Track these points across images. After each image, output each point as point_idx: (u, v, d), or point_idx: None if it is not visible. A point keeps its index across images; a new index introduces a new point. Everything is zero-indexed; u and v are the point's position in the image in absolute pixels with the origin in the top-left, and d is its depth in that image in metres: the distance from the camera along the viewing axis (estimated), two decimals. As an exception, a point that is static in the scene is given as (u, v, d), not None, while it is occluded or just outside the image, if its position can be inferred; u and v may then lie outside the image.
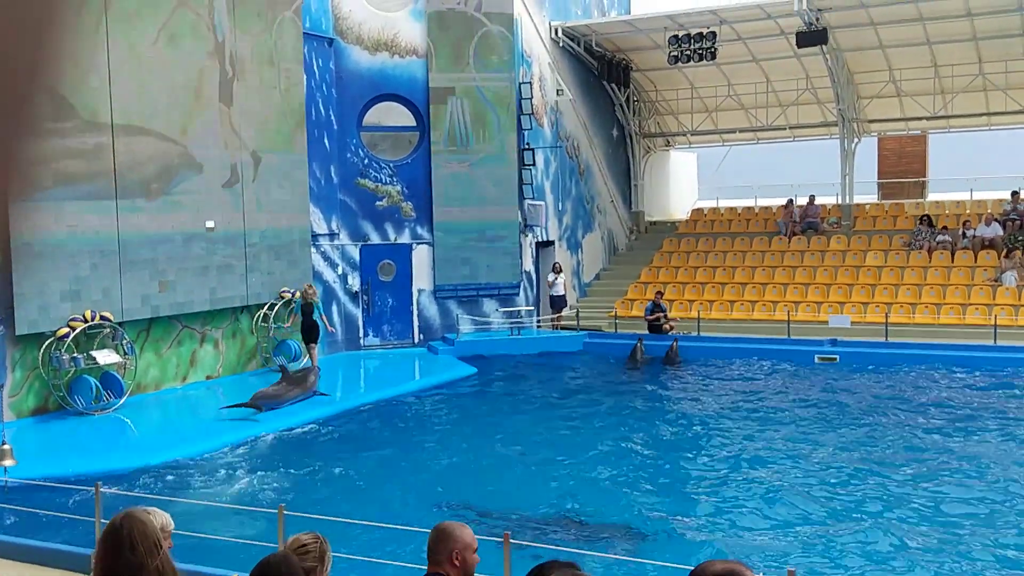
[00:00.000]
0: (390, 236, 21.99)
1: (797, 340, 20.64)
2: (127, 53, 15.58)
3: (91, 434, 13.95)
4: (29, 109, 1.64)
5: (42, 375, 14.69)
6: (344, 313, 21.48)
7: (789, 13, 22.92)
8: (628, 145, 29.05)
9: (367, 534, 8.49)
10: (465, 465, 12.76)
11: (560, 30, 25.24)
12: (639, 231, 29.10)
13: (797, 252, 24.95)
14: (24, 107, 1.65)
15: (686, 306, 23.44)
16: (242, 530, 8.82)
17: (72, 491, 9.71)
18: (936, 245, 23.31)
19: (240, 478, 11.90)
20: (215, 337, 17.94)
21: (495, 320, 22.56)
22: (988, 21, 23.03)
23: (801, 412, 15.41)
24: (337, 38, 21.18)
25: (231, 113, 17.69)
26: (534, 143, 23.53)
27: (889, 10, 22.98)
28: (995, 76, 24.67)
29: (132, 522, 3.23)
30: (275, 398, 15.35)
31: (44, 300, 14.43)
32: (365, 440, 14.09)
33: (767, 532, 9.78)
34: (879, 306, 21.79)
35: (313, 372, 16.79)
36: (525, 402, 16.94)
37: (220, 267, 17.53)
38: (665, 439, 13.97)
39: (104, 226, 15.29)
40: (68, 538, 8.55)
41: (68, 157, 14.57)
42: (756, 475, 11.76)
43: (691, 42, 23.90)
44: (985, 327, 19.92)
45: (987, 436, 13.67)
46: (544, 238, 24.57)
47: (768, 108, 27.65)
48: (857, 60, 25.33)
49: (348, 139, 21.44)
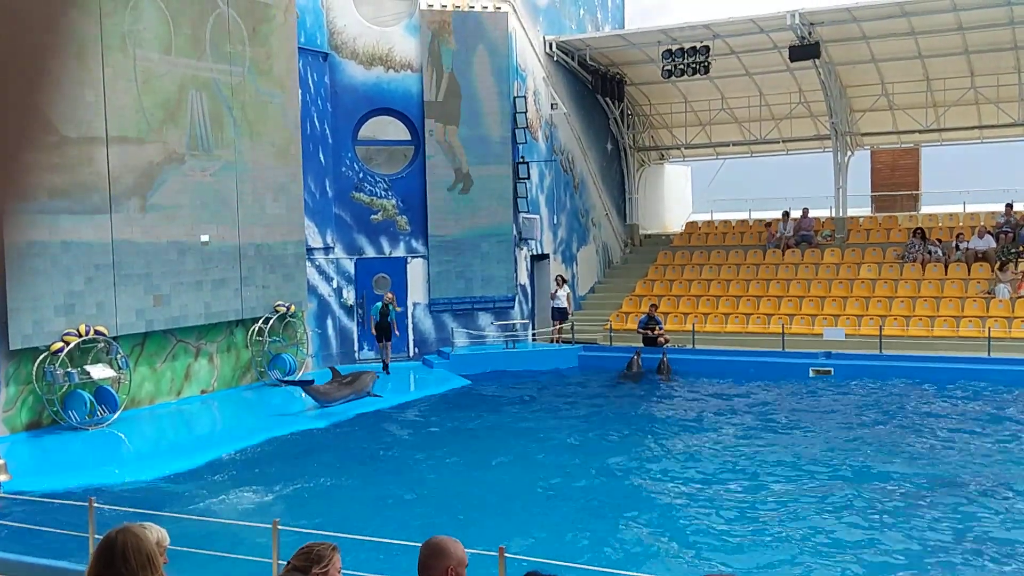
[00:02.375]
0: (385, 250, 22.02)
1: (791, 353, 20.67)
2: (122, 67, 15.61)
3: (85, 449, 13.91)
4: (23, 123, 1.66)
5: (36, 390, 14.65)
6: (339, 327, 21.48)
7: (782, 27, 23.06)
8: (622, 158, 29.14)
9: (359, 548, 8.47)
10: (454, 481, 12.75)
11: (554, 44, 25.34)
12: (634, 244, 29.17)
13: (791, 265, 25.01)
14: (18, 121, 1.67)
15: (681, 319, 23.47)
16: (237, 545, 8.79)
17: (66, 506, 9.67)
18: (929, 258, 23.39)
19: (235, 492, 11.86)
20: (210, 351, 17.92)
21: (490, 333, 22.58)
22: (979, 35, 23.18)
23: (794, 424, 15.42)
24: (332, 52, 21.25)
25: (226, 127, 17.71)
26: (529, 157, 23.59)
27: (881, 24, 23.13)
28: (987, 89, 24.81)
29: (127, 536, 3.24)
30: (325, 395, 16.43)
31: (38, 314, 14.41)
32: (357, 452, 14.05)
33: (754, 545, 9.77)
34: (873, 319, 21.84)
35: (369, 374, 17.65)
36: (513, 413, 16.93)
37: (215, 281, 17.53)
38: (652, 452, 13.99)
39: (98, 240, 15.29)
40: (62, 554, 8.51)
41: (62, 171, 14.57)
42: (748, 489, 11.76)
43: (684, 56, 24.02)
44: (979, 339, 19.98)
45: (981, 448, 13.68)
46: (539, 251, 24.61)
47: (761, 121, 27.77)
48: (850, 74, 25.46)
49: (343, 153, 21.49)
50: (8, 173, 1.68)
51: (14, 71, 1.65)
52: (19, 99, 1.67)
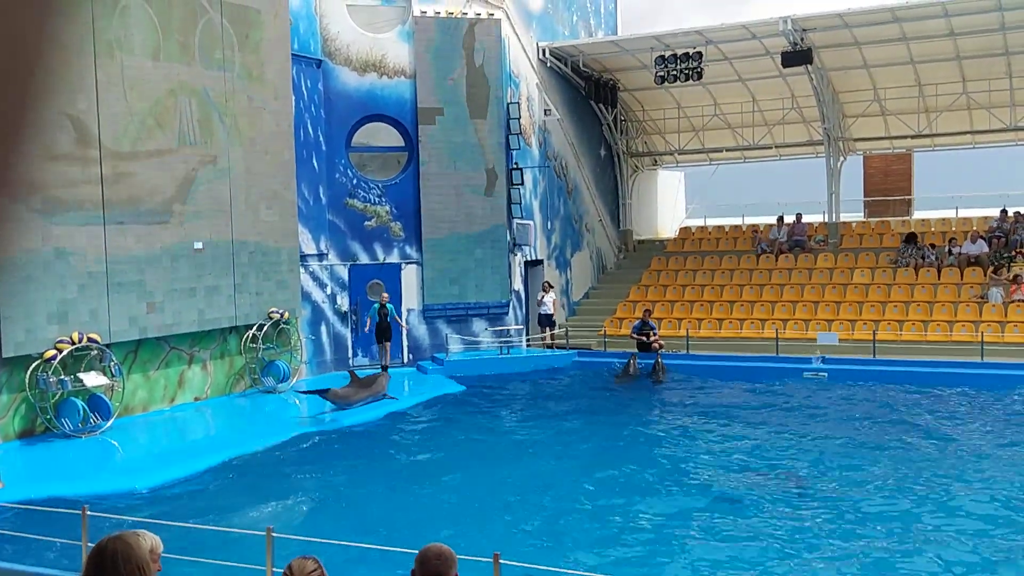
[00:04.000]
0: (379, 256, 22.02)
1: (785, 357, 20.71)
2: (115, 75, 15.60)
3: (78, 457, 13.86)
4: (16, 132, 1.67)
5: (29, 398, 14.60)
6: (333, 333, 21.46)
7: (774, 33, 23.13)
8: (616, 164, 29.19)
9: (354, 555, 8.46)
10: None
11: (548, 50, 25.39)
12: (627, 249, 29.21)
13: (785, 270, 25.06)
14: (11, 130, 1.67)
15: (675, 324, 23.50)
16: (230, 553, 8.77)
17: (59, 514, 9.64)
18: (923, 262, 23.46)
19: (228, 499, 11.84)
20: (203, 359, 17.89)
21: (484, 339, 22.58)
22: (971, 41, 23.28)
23: (788, 428, 15.43)
24: (325, 59, 21.26)
25: (219, 134, 17.70)
26: (522, 162, 23.61)
27: (873, 30, 23.22)
28: (978, 95, 24.91)
29: (118, 544, 3.24)
30: (344, 399, 16.68)
31: (31, 322, 14.36)
32: (351, 459, 14.03)
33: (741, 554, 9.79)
34: (867, 323, 21.90)
35: (384, 376, 17.99)
36: (509, 419, 16.93)
37: (208, 288, 17.50)
38: (645, 458, 14.00)
39: (92, 247, 15.26)
40: (54, 562, 8.50)
41: (55, 178, 14.55)
42: (744, 493, 11.77)
43: (677, 62, 24.08)
44: (972, 344, 20.03)
45: (972, 451, 13.71)
46: (533, 257, 24.62)
47: (754, 127, 27.86)
48: (842, 79, 25.55)
49: (337, 159, 21.49)
50: (1, 181, 1.69)
51: (6, 83, 1.65)
52: (11, 110, 1.68)
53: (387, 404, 17.50)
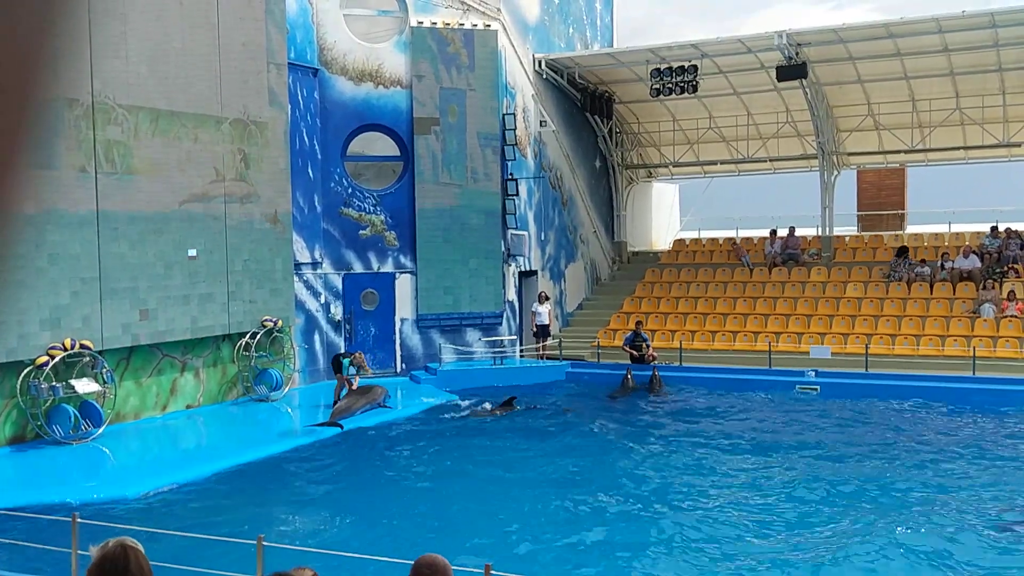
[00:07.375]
0: (373, 265, 22.01)
1: (778, 370, 20.75)
2: (111, 80, 15.60)
3: (69, 464, 13.82)
4: (8, 136, 1.67)
5: (20, 404, 14.56)
6: (326, 342, 21.43)
7: (769, 47, 23.23)
8: (611, 176, 29.25)
9: (346, 564, 8.43)
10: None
11: (544, 62, 25.46)
12: (622, 261, 29.25)
13: (778, 283, 25.11)
14: (3, 135, 1.67)
15: (668, 336, 23.52)
16: (221, 562, 8.74)
17: (49, 521, 9.61)
18: (915, 277, 23.54)
19: (219, 506, 11.80)
20: (196, 366, 17.86)
21: (478, 349, 22.57)
22: (964, 57, 23.42)
23: (778, 442, 15.44)
24: (322, 68, 21.30)
25: (213, 142, 17.70)
26: (517, 173, 23.65)
27: (867, 45, 23.35)
28: (972, 110, 25.04)
29: (128, 551, 3.23)
30: (347, 411, 16.98)
31: (23, 328, 14.32)
32: (344, 469, 14.01)
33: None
34: (859, 337, 21.93)
35: (379, 387, 18.45)
36: (499, 430, 16.91)
37: (202, 296, 17.47)
38: (642, 468, 13.99)
39: (85, 254, 15.24)
40: (43, 568, 8.46)
41: (50, 184, 14.53)
42: (738, 505, 11.78)
43: (673, 75, 24.16)
44: (964, 358, 20.08)
45: (964, 467, 13.73)
46: (527, 268, 24.64)
47: (749, 140, 27.94)
48: (836, 94, 25.67)
49: (332, 168, 21.50)
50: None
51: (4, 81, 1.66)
52: (5, 114, 1.68)
53: (381, 413, 17.55)
